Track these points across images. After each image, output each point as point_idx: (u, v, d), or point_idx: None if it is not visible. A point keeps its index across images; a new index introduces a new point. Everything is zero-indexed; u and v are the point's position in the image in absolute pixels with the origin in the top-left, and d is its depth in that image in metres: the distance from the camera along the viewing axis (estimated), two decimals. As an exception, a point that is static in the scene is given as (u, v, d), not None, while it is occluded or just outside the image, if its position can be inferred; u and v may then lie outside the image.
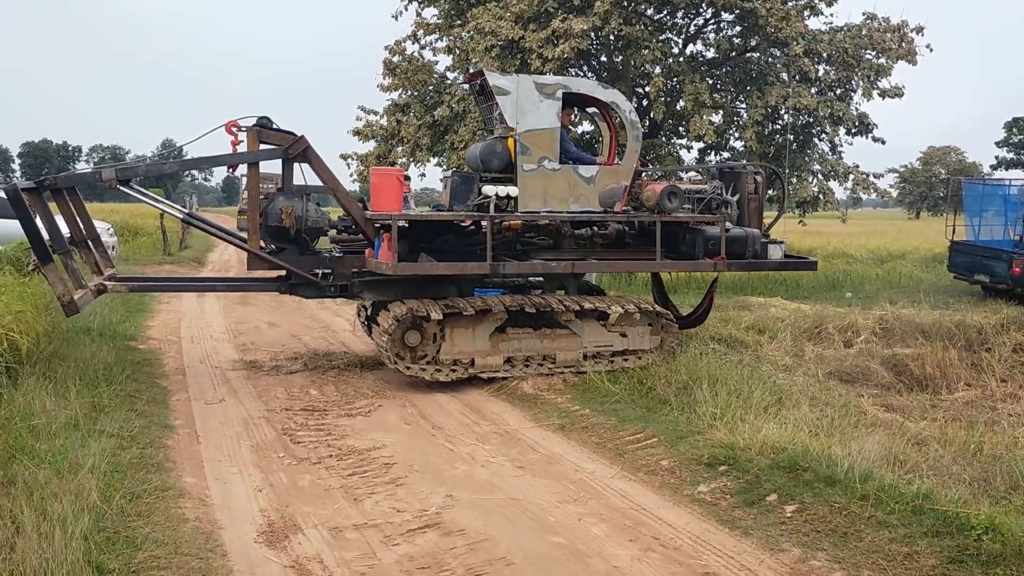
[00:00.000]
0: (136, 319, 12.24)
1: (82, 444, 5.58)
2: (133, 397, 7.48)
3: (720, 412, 6.69)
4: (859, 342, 11.70)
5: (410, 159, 19.31)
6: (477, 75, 9.42)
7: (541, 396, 8.04)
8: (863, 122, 17.68)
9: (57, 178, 8.21)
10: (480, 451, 6.43)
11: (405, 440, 6.69)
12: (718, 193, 9.20)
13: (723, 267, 8.98)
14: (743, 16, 17.13)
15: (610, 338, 8.88)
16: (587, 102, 9.80)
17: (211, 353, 10.20)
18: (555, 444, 6.60)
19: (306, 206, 8.58)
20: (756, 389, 7.21)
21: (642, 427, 6.78)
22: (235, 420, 7.21)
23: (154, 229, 26.08)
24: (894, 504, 4.85)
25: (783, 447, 5.80)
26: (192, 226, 8.95)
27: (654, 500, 5.37)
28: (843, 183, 18.28)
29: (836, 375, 10.09)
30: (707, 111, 16.89)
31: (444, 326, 8.33)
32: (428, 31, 19.39)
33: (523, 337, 8.62)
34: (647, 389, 7.76)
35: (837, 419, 6.69)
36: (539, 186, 8.74)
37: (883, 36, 17.12)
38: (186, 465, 5.94)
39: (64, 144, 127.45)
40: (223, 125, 8.31)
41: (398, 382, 8.52)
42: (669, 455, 6.11)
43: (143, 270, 19.53)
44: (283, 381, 8.70)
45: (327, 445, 6.53)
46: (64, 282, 7.69)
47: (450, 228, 9.07)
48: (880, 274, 20.98)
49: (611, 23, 15.81)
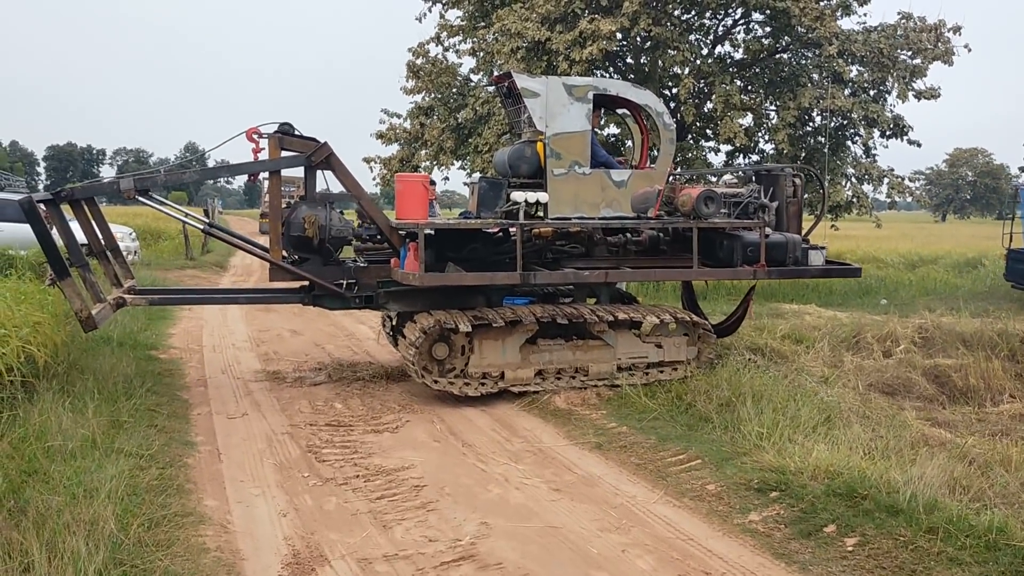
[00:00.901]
0: (158, 327, 12.05)
1: (99, 466, 5.33)
2: (153, 411, 7.25)
3: (767, 431, 6.33)
4: (898, 352, 11.30)
5: (433, 162, 19.06)
6: (505, 77, 9.13)
7: (575, 411, 7.72)
8: (898, 124, 17.21)
9: (75, 189, 7.99)
10: (513, 472, 6.12)
11: (434, 459, 6.39)
12: (755, 197, 8.86)
13: (763, 275, 8.62)
14: (774, 16, 16.72)
15: (645, 349, 8.54)
16: (618, 104, 9.49)
17: (233, 363, 9.97)
18: (592, 464, 6.28)
19: (329, 215, 8.32)
20: (803, 406, 6.85)
21: (684, 447, 6.44)
22: (258, 436, 6.94)
23: (176, 233, 26.01)
24: (965, 538, 4.49)
25: (838, 471, 5.44)
26: (214, 237, 8.70)
27: (702, 529, 5.03)
28: (877, 187, 17.81)
29: (877, 387, 9.70)
30: (737, 113, 16.48)
31: (473, 338, 8.03)
32: (452, 33, 19.12)
33: (554, 349, 8.31)
34: (687, 405, 7.41)
35: (891, 440, 6.30)
36: (570, 191, 8.44)
37: (919, 36, 16.63)
38: (207, 486, 5.68)
39: (88, 147, 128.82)
40: (244, 132, 8.06)
41: (425, 395, 8.23)
42: (715, 479, 5.77)
43: (165, 275, 19.43)
44: (307, 393, 8.44)
45: (353, 464, 6.25)
46: (82, 297, 7.46)
47: (478, 236, 8.78)
48: (913, 280, 20.50)
49: (640, 24, 15.47)
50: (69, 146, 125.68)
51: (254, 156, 8.09)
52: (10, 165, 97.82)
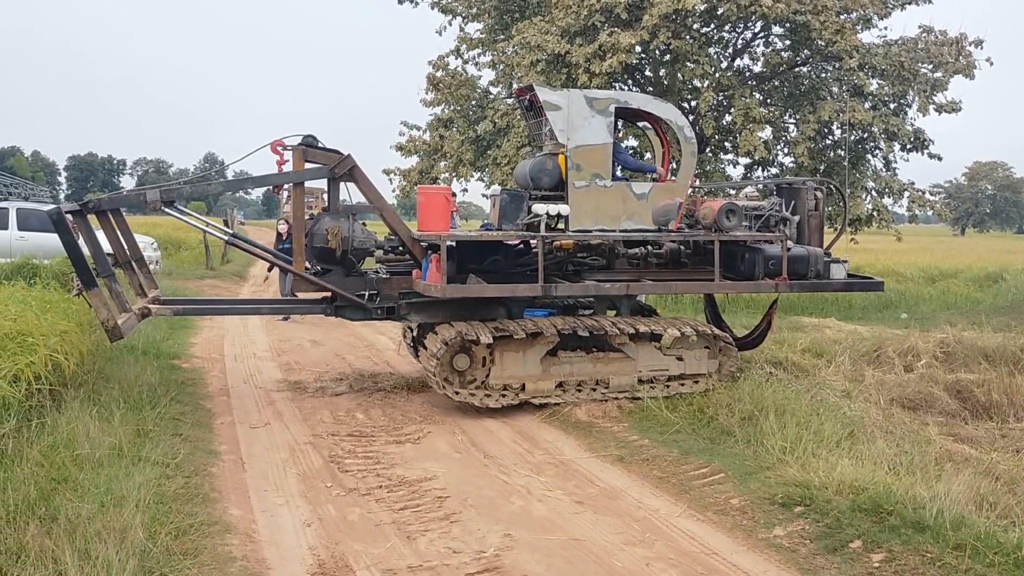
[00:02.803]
0: (180, 336, 12.15)
1: (126, 474, 5.38)
2: (177, 420, 7.31)
3: (790, 446, 6.31)
4: (920, 366, 11.20)
5: (453, 174, 19.13)
6: (526, 90, 9.18)
7: (596, 424, 7.72)
8: (918, 138, 17.12)
9: (102, 200, 8.09)
10: (536, 483, 6.12)
11: (457, 470, 6.41)
12: (777, 210, 8.85)
13: (785, 288, 8.60)
14: (794, 29, 16.72)
15: (666, 362, 8.53)
16: (639, 116, 9.53)
17: (255, 373, 10.03)
18: (614, 477, 6.27)
19: (352, 226, 8.37)
20: (826, 421, 6.81)
21: (707, 460, 6.42)
22: (281, 446, 6.98)
23: (197, 243, 26.24)
24: (993, 555, 4.45)
25: (863, 487, 5.41)
26: (237, 247, 8.78)
27: (726, 544, 5.02)
28: (898, 200, 17.71)
29: (899, 402, 9.63)
30: (757, 126, 16.46)
31: (494, 349, 8.05)
32: (471, 46, 19.23)
33: (575, 361, 8.31)
34: (709, 418, 7.39)
35: (916, 455, 6.26)
36: (591, 204, 8.47)
37: (940, 49, 16.56)
38: (232, 496, 5.71)
39: (109, 157, 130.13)
40: (268, 144, 8.14)
41: (446, 406, 8.25)
42: (739, 493, 5.75)
43: (186, 284, 19.60)
44: (328, 403, 8.48)
45: (376, 474, 6.27)
46: (108, 307, 7.54)
47: (499, 248, 8.81)
48: (933, 294, 20.34)
49: (659, 37, 15.50)
50: (90, 156, 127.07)
51: (278, 168, 8.17)
52: (32, 175, 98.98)
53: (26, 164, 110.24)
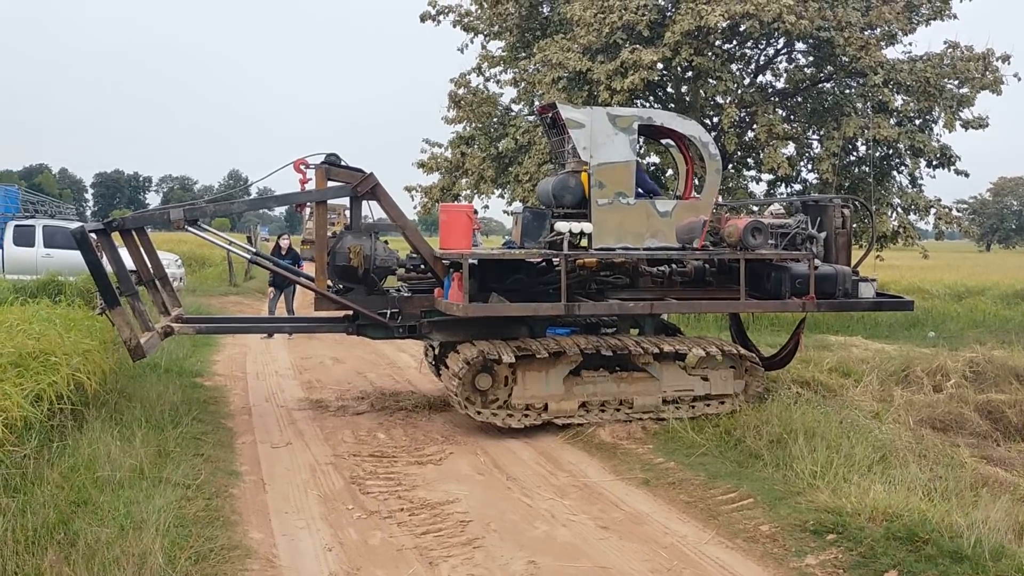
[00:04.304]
0: (203, 353, 12.16)
1: (147, 496, 5.34)
2: (199, 440, 7.27)
3: (820, 470, 6.16)
4: (949, 386, 11.00)
5: (474, 191, 19.14)
6: (549, 107, 9.14)
7: (620, 445, 7.60)
8: (945, 154, 16.91)
9: (126, 219, 8.11)
10: (560, 507, 6.02)
11: (479, 493, 6.31)
12: (803, 227, 8.72)
13: (812, 307, 8.45)
14: (818, 45, 16.62)
15: (691, 382, 8.40)
16: (663, 134, 9.45)
17: (276, 391, 10.01)
18: (640, 501, 6.15)
19: (374, 244, 8.34)
20: (857, 443, 6.66)
21: (735, 484, 6.28)
22: (302, 466, 6.93)
23: (221, 260, 26.39)
24: (1036, 587, 4.30)
25: (897, 513, 5.26)
26: (259, 266, 8.77)
27: (757, 573, 4.88)
28: (924, 217, 17.48)
29: (928, 423, 9.44)
30: (780, 142, 16.33)
31: (516, 369, 7.96)
32: (493, 64, 19.29)
33: (598, 381, 8.21)
34: (736, 441, 7.24)
35: (951, 480, 6.09)
36: (614, 222, 8.39)
37: (966, 65, 16.38)
38: (252, 518, 5.65)
39: (135, 175, 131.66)
40: (291, 163, 8.14)
41: (468, 426, 8.17)
42: (769, 519, 5.61)
43: (209, 301, 19.67)
44: (350, 423, 8.42)
45: (397, 496, 6.19)
46: (131, 326, 7.54)
47: (521, 266, 8.74)
48: (960, 311, 20.02)
49: (681, 53, 15.45)
50: (116, 173, 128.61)
51: (301, 186, 8.16)
52: (59, 192, 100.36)
53: (54, 181, 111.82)
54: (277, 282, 14.39)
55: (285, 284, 14.32)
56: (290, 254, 14.43)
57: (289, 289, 14.54)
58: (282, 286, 14.45)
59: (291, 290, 14.65)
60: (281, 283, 14.31)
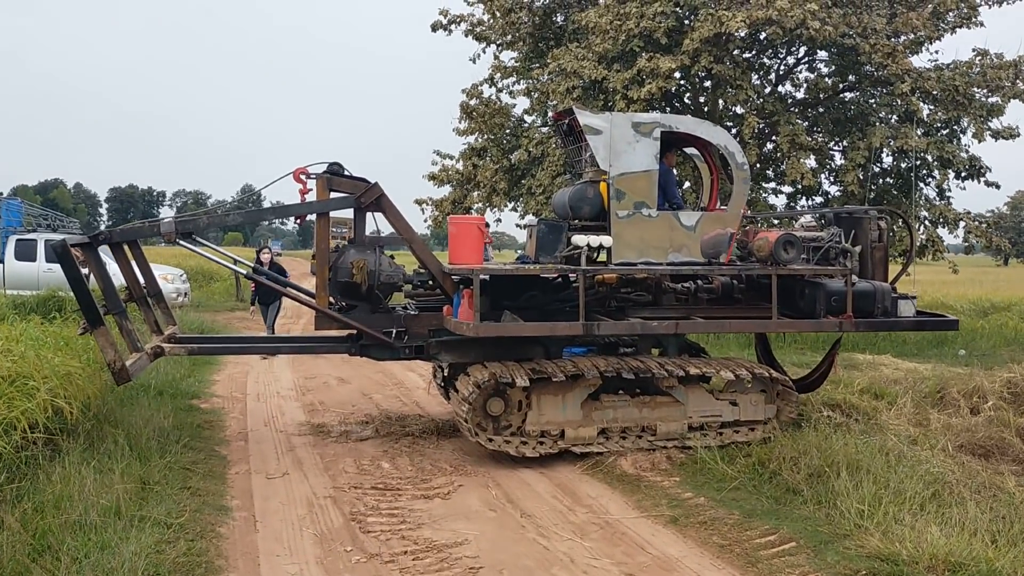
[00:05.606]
0: (202, 373, 11.66)
1: (121, 538, 4.80)
2: (188, 471, 6.74)
3: (868, 509, 5.56)
4: (987, 409, 10.35)
5: (486, 204, 18.65)
6: (565, 114, 8.61)
7: (644, 477, 7.01)
8: (974, 165, 16.29)
9: (113, 232, 7.62)
10: (579, 550, 5.43)
11: (490, 533, 5.74)
12: (837, 241, 8.15)
13: (850, 327, 7.86)
14: (841, 53, 16.07)
15: (718, 407, 7.81)
16: (687, 141, 8.88)
17: (277, 414, 9.47)
18: (668, 543, 5.56)
19: (379, 259, 7.81)
20: (906, 477, 6.05)
21: (774, 525, 5.68)
22: (298, 500, 6.37)
23: (228, 275, 25.97)
24: None
25: (960, 562, 4.67)
26: (257, 283, 8.23)
27: (807, 633, 4.29)
28: (953, 230, 16.84)
29: (968, 448, 8.81)
30: (802, 153, 15.75)
31: (530, 393, 7.40)
32: (506, 74, 18.83)
33: (619, 405, 7.63)
34: (771, 473, 6.64)
35: (1017, 522, 5.47)
36: (635, 235, 7.84)
37: (996, 73, 15.76)
38: (240, 563, 5.10)
39: (149, 189, 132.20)
40: (291, 172, 7.64)
41: (479, 454, 7.60)
42: (815, 567, 5.00)
43: (214, 317, 19.23)
44: (352, 450, 7.87)
45: (401, 536, 5.63)
46: (115, 347, 7.01)
47: (536, 282, 8.19)
48: (988, 328, 19.30)
49: (700, 61, 14.93)
50: (131, 188, 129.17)
51: (301, 197, 7.66)
52: (73, 206, 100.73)
53: (68, 196, 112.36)
54: (262, 298, 13.94)
55: (271, 300, 13.87)
56: (273, 269, 13.92)
57: (274, 304, 14.07)
58: (267, 302, 13.98)
59: (276, 305, 14.17)
60: (266, 299, 13.86)
